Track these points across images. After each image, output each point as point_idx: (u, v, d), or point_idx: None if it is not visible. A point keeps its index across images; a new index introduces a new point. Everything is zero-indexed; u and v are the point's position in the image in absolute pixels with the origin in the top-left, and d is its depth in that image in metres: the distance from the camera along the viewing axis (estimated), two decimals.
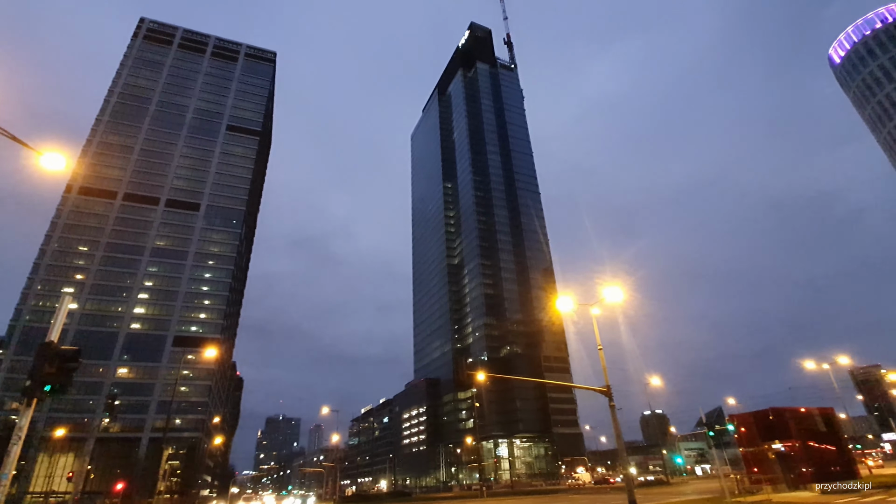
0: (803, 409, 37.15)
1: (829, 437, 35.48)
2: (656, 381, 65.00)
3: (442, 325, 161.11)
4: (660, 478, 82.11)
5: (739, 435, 38.17)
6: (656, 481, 73.19)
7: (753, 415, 37.52)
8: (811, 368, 54.57)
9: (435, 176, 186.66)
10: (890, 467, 64.32)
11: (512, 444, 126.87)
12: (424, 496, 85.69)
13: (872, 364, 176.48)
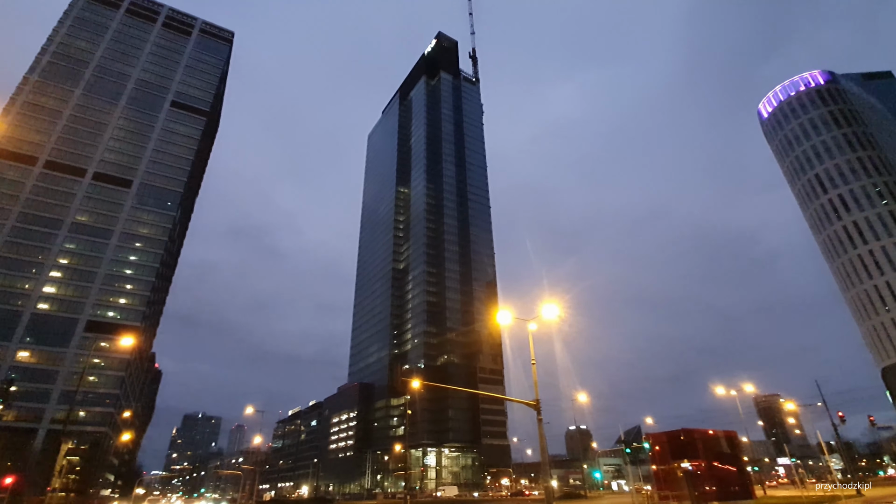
0: (711, 431, 39.92)
1: (731, 458, 38.35)
2: (583, 398, 67.69)
3: (381, 329, 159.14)
4: (578, 491, 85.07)
5: (653, 453, 40.37)
6: (574, 494, 75.72)
7: (667, 434, 39.82)
8: (721, 394, 58.87)
9: (388, 179, 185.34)
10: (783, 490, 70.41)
11: (441, 453, 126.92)
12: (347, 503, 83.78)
13: (773, 393, 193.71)
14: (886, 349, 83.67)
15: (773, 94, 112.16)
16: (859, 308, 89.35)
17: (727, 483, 35.89)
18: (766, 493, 54.44)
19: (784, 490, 68.04)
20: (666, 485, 37.81)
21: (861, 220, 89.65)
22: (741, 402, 61.60)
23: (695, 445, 36.82)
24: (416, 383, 30.33)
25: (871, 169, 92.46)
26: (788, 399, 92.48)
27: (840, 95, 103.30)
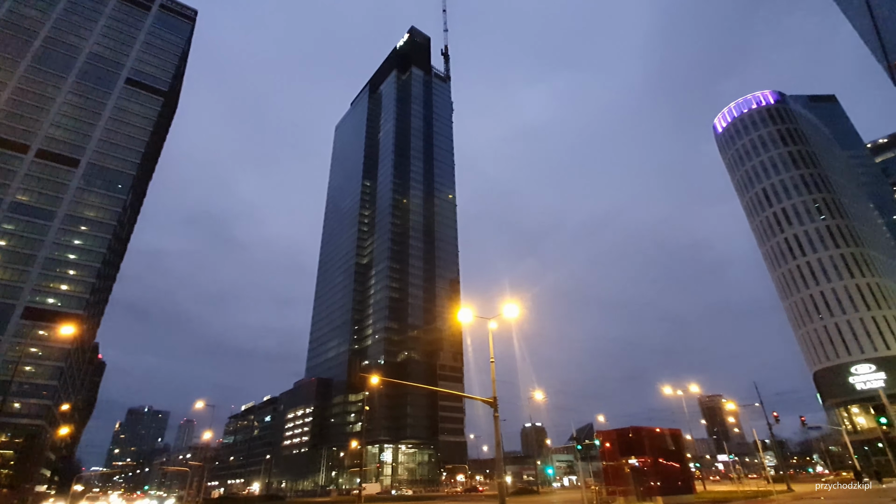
0: (658, 429, 41.66)
1: (675, 455, 40.17)
2: (539, 396, 69.29)
3: (342, 324, 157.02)
4: (531, 487, 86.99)
5: (604, 450, 41.76)
6: (526, 490, 77.43)
7: (616, 432, 41.27)
8: (668, 394, 61.63)
9: (355, 172, 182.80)
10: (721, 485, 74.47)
11: (397, 449, 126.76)
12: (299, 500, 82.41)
13: (716, 394, 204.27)
14: (818, 354, 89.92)
15: (727, 111, 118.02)
16: (796, 315, 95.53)
17: (671, 479, 37.53)
18: (705, 489, 57.49)
19: (722, 485, 72.02)
20: (614, 480, 39.19)
21: (801, 233, 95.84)
22: (687, 401, 64.79)
23: (642, 443, 38.28)
24: (375, 379, 30.21)
25: (811, 186, 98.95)
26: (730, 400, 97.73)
27: (788, 115, 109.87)
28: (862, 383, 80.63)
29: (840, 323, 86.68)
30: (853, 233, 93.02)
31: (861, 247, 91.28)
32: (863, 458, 76.48)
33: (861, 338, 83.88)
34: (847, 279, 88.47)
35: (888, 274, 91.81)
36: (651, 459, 37.29)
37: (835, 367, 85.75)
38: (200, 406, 71.58)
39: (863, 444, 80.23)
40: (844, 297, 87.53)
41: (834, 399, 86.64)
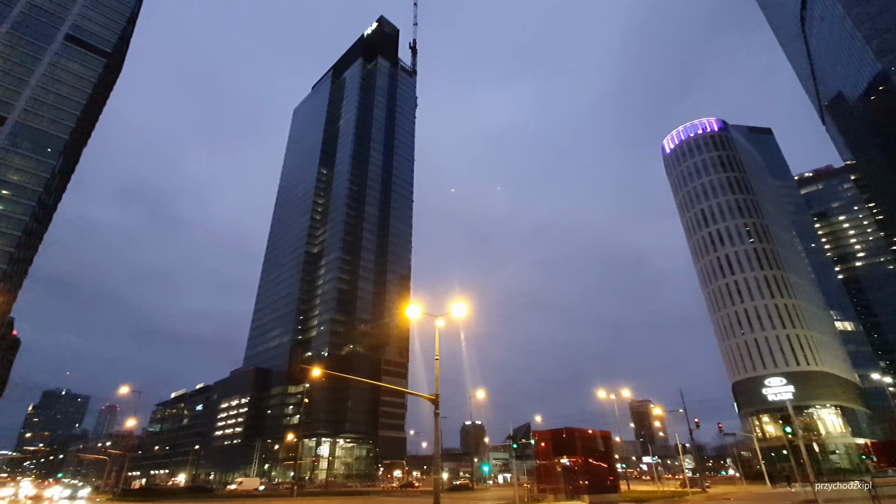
0: (591, 430, 43.61)
1: (604, 456, 42.20)
2: (481, 395, 70.56)
3: (286, 313, 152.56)
4: (466, 483, 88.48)
5: (538, 449, 43.22)
6: (462, 486, 78.72)
7: (551, 432, 42.86)
8: (602, 397, 64.60)
9: (311, 158, 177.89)
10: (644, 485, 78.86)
11: (335, 443, 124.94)
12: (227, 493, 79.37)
13: (645, 399, 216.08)
14: (738, 366, 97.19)
15: (676, 133, 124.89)
16: (721, 329, 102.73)
17: (599, 478, 39.41)
18: (629, 488, 60.83)
19: (645, 485, 76.33)
20: (545, 478, 40.66)
21: (731, 253, 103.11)
22: (618, 405, 68.13)
23: (574, 443, 39.95)
24: (316, 371, 29.67)
25: (744, 210, 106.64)
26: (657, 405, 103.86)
27: (729, 143, 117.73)
28: (773, 395, 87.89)
29: (759, 338, 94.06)
30: (776, 256, 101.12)
31: (782, 270, 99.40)
32: (769, 464, 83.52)
33: (776, 353, 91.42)
34: (768, 299, 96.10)
35: (803, 296, 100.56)
36: (582, 459, 39.01)
37: (751, 379, 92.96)
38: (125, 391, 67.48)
39: (770, 451, 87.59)
40: (764, 315, 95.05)
41: (748, 408, 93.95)
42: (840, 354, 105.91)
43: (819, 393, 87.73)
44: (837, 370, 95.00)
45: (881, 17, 74.31)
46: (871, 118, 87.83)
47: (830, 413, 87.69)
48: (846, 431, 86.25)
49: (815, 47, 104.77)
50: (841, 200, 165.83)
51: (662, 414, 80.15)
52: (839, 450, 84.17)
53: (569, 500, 37.10)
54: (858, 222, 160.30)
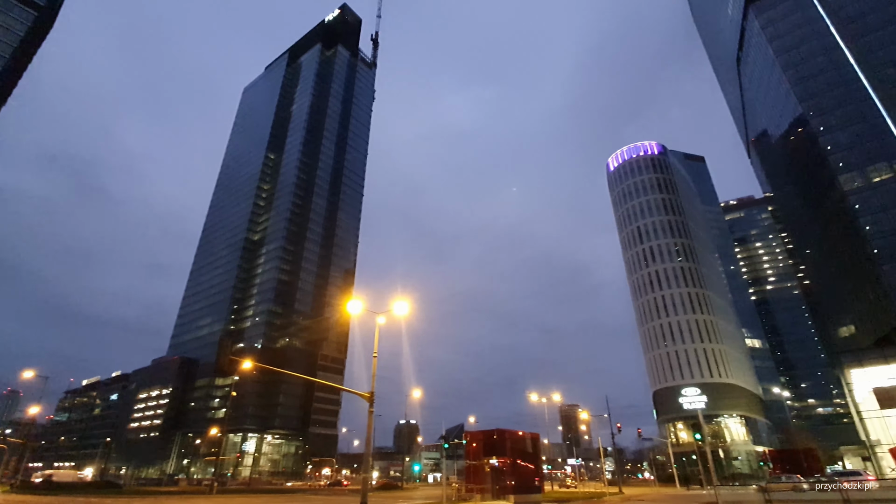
0: (521, 432, 44.92)
1: (532, 457, 43.60)
2: (417, 394, 70.71)
3: (219, 301, 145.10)
4: (396, 483, 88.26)
5: (470, 449, 43.92)
6: (391, 485, 78.42)
7: (483, 433, 43.72)
8: (535, 401, 66.73)
9: (259, 141, 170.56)
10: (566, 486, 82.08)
11: (263, 439, 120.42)
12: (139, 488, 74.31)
13: (574, 403, 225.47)
14: (659, 376, 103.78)
15: (620, 153, 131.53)
16: (647, 340, 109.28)
17: (525, 479, 40.66)
18: (553, 489, 63.25)
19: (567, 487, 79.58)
20: (474, 478, 41.37)
21: (661, 270, 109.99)
22: (549, 409, 70.66)
23: (504, 444, 40.96)
24: (247, 364, 28.50)
25: (675, 230, 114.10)
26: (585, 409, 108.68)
27: (666, 166, 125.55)
28: (688, 403, 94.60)
29: (679, 351, 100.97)
30: (700, 276, 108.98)
31: (704, 288, 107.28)
32: (681, 467, 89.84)
33: (693, 365, 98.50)
34: (690, 314, 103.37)
35: (720, 313, 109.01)
36: (510, 460, 40.06)
37: (670, 388, 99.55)
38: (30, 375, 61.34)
39: (682, 456, 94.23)
40: (685, 330, 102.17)
41: (666, 415, 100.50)
42: (748, 369, 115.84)
43: (728, 403, 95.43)
44: (745, 383, 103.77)
45: (805, 66, 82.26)
46: (789, 156, 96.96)
47: (736, 422, 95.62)
48: (748, 439, 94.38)
49: (747, 86, 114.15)
50: (758, 228, 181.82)
51: (589, 418, 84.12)
52: (741, 456, 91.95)
53: (495, 499, 37.95)
54: (771, 250, 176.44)
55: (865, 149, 71.35)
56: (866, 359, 67.83)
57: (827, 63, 79.70)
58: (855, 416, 67.60)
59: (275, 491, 68.11)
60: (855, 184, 70.76)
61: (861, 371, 67.13)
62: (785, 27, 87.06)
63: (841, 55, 78.50)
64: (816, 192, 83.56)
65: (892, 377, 64.02)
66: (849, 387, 68.18)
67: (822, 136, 75.90)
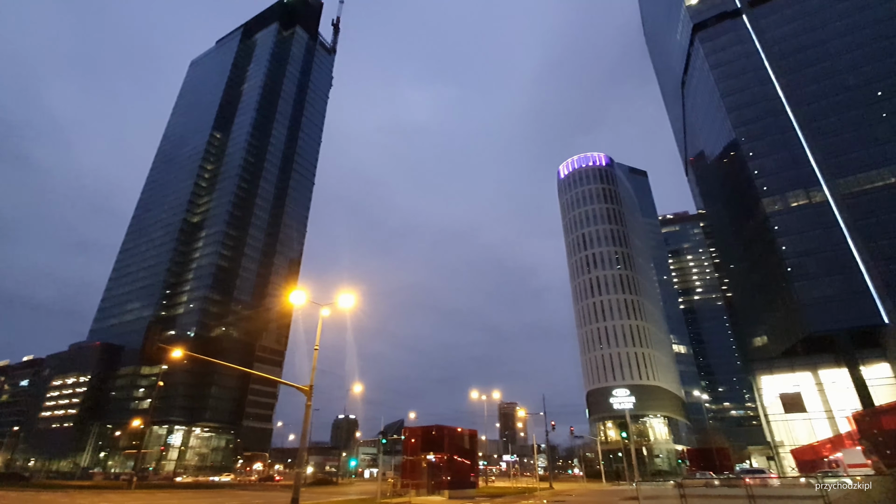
0: (460, 429, 45.59)
1: (469, 453, 44.40)
2: (358, 389, 69.86)
3: (150, 285, 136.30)
4: (331, 478, 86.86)
5: (408, 445, 44.06)
6: (326, 481, 77.12)
7: (422, 429, 43.99)
8: (475, 398, 67.88)
9: (204, 119, 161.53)
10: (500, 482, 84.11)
11: (191, 432, 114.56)
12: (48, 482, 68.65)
13: (513, 402, 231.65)
14: (593, 377, 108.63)
15: (570, 162, 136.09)
16: (585, 343, 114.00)
17: (461, 474, 41.33)
18: (487, 484, 64.67)
19: (500, 481, 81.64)
20: (411, 474, 41.55)
21: (601, 276, 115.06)
22: (488, 406, 72.06)
23: (442, 440, 41.43)
24: (177, 352, 26.96)
25: (616, 239, 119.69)
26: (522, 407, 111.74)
27: (612, 178, 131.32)
28: (618, 404, 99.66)
29: (612, 353, 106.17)
30: (636, 283, 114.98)
31: (639, 295, 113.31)
32: (608, 464, 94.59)
33: (624, 367, 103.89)
34: (625, 319, 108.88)
35: (651, 320, 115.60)
36: (447, 456, 40.59)
37: (602, 389, 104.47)
38: None
39: (609, 453, 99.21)
40: (619, 334, 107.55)
41: (597, 415, 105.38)
42: (673, 372, 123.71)
43: (653, 404, 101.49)
44: (669, 386, 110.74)
45: (741, 95, 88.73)
46: (721, 177, 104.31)
47: (660, 422, 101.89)
48: (670, 438, 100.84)
49: (689, 108, 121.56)
50: (690, 242, 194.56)
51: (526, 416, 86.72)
52: (662, 454, 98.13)
53: (430, 494, 38.31)
54: (701, 263, 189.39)
55: (787, 176, 78.07)
56: (775, 367, 74.41)
57: (760, 94, 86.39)
58: (763, 419, 74.02)
59: (200, 486, 65.06)
60: (776, 206, 77.26)
61: (770, 378, 73.54)
62: (726, 57, 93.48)
63: (772, 88, 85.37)
64: (743, 211, 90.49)
65: (796, 384, 70.66)
66: (759, 392, 74.48)
67: (751, 160, 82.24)
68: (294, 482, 24.90)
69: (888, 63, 75.90)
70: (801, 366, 71.45)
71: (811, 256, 71.22)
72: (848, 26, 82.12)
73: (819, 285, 69.00)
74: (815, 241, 71.69)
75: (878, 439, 29.89)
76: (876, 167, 71.13)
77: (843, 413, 58.83)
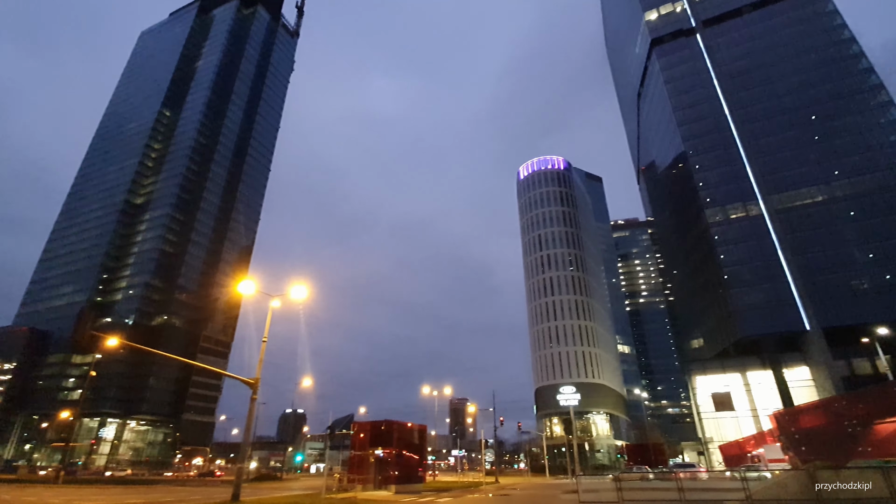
0: (410, 424, 45.74)
1: (418, 448, 44.60)
2: (308, 382, 68.47)
3: (86, 268, 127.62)
4: (275, 474, 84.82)
5: (357, 439, 43.71)
6: (270, 476, 75.27)
7: (371, 424, 43.76)
8: (427, 393, 68.21)
9: (154, 94, 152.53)
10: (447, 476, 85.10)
11: (125, 425, 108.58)
12: None
13: (463, 397, 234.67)
14: (542, 374, 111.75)
15: (530, 163, 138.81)
16: (536, 341, 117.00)
17: (409, 469, 41.48)
18: (434, 478, 65.27)
19: (448, 476, 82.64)
20: (359, 469, 41.27)
21: (553, 277, 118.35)
22: (439, 401, 72.68)
23: (392, 435, 41.41)
24: (112, 341, 25.48)
25: (570, 241, 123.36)
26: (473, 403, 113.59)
27: (569, 181, 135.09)
28: (564, 400, 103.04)
29: (562, 352, 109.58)
30: (587, 285, 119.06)
31: (589, 297, 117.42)
32: (552, 459, 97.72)
33: (572, 366, 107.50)
34: (573, 319, 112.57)
35: (599, 320, 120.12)
36: (396, 451, 40.63)
37: (550, 386, 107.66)
38: None
39: (554, 448, 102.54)
40: (569, 333, 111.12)
41: (544, 411, 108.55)
42: (617, 371, 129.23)
43: (597, 401, 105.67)
44: (613, 384, 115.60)
45: (692, 109, 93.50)
46: (669, 186, 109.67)
47: (602, 419, 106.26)
48: (611, 434, 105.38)
49: (644, 119, 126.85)
50: (639, 248, 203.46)
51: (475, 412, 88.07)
52: (603, 449, 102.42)
53: (377, 489, 38.25)
54: (647, 268, 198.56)
55: (728, 189, 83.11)
56: (709, 368, 79.34)
57: (709, 110, 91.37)
58: (696, 417, 78.77)
59: (134, 482, 61.87)
60: (717, 218, 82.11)
61: (704, 378, 78.35)
62: (680, 73, 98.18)
63: (720, 106, 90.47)
64: (687, 221, 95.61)
65: (726, 385, 75.65)
66: (693, 391, 79.19)
67: (697, 173, 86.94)
68: (235, 477, 24.20)
69: (823, 89, 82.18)
70: (731, 367, 76.54)
71: (745, 266, 76.25)
72: (790, 53, 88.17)
73: (751, 293, 74.04)
74: (750, 252, 76.78)
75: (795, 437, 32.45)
76: (806, 186, 76.98)
77: (767, 412, 63.51)
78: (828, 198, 74.91)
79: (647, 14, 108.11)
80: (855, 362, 66.84)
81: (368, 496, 32.60)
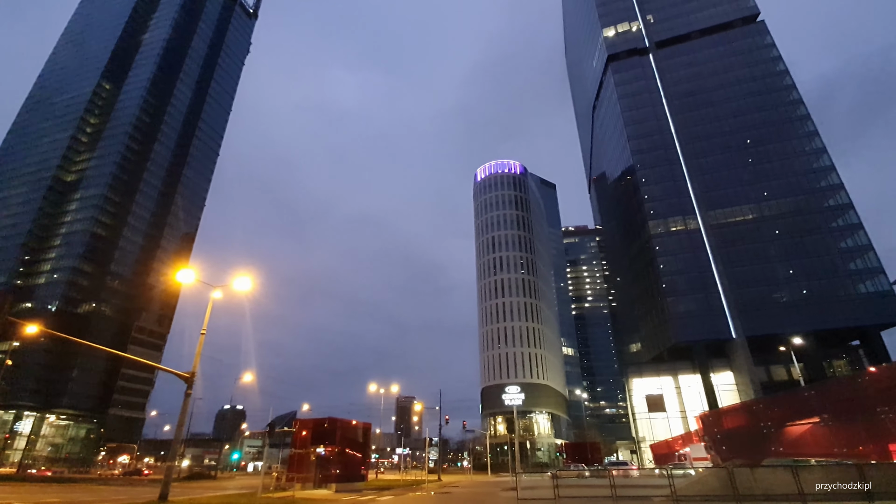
0: (354, 422, 45.15)
1: (361, 446, 44.07)
2: (248, 378, 66.07)
3: (5, 248, 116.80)
4: (209, 472, 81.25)
5: (298, 437, 42.63)
6: (203, 475, 71.99)
7: (313, 421, 42.82)
8: (373, 391, 67.64)
9: (92, 65, 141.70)
10: (390, 474, 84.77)
11: (44, 419, 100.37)
12: None
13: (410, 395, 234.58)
14: (488, 375, 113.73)
15: (487, 166, 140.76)
16: (485, 342, 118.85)
17: (351, 467, 40.92)
18: (377, 476, 64.85)
19: (391, 474, 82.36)
20: (299, 467, 40.23)
21: (505, 279, 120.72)
22: (385, 400, 72.24)
23: (335, 433, 40.68)
24: (32, 328, 23.50)
25: (522, 244, 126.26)
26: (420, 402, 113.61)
27: (524, 186, 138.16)
28: (509, 400, 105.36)
29: (509, 353, 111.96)
30: (537, 288, 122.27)
31: (538, 300, 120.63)
32: (495, 457, 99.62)
33: (518, 366, 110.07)
34: (523, 321, 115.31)
35: (546, 323, 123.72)
36: (338, 449, 39.97)
37: (496, 386, 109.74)
38: None
39: (497, 446, 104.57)
40: (516, 335, 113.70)
41: (489, 410, 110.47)
42: (560, 372, 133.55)
43: (540, 401, 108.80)
44: (556, 385, 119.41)
45: (642, 126, 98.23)
46: (617, 197, 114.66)
47: (544, 418, 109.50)
48: (551, 433, 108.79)
49: (597, 131, 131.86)
50: (587, 254, 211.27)
51: (421, 410, 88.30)
52: (544, 447, 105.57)
53: (317, 488, 37.53)
54: (593, 273, 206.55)
55: (670, 203, 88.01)
56: (644, 371, 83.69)
57: (656, 128, 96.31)
58: (631, 417, 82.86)
59: (52, 480, 57.36)
60: (659, 229, 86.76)
61: (640, 380, 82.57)
62: (632, 89, 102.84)
63: (667, 124, 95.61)
64: (632, 231, 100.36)
65: (659, 387, 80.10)
66: (630, 392, 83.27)
67: (643, 186, 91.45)
68: (164, 476, 23.03)
69: (758, 116, 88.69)
70: (665, 371, 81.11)
71: (682, 276, 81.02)
72: (730, 79, 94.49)
73: (685, 301, 78.79)
74: (686, 263, 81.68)
75: (717, 437, 34.85)
76: (739, 204, 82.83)
77: (694, 413, 67.82)
78: (757, 216, 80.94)
79: (606, 31, 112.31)
80: (773, 369, 72.80)
81: (307, 495, 31.91)
